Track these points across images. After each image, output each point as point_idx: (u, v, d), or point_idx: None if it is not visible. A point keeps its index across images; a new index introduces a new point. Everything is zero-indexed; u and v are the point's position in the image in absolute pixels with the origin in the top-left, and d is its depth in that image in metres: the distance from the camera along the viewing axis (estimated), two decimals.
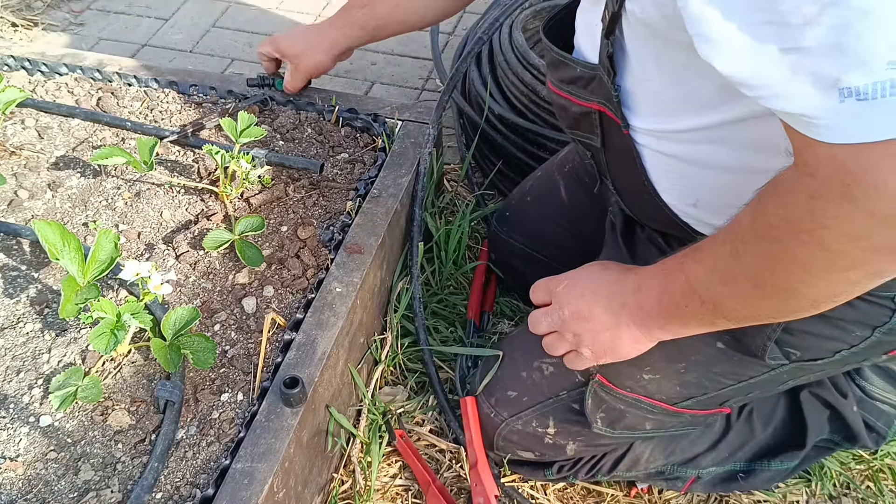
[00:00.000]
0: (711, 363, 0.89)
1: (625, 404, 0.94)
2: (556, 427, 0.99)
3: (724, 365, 0.89)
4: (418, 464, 1.05)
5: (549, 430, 0.99)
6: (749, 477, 1.05)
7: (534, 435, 1.00)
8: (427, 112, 1.27)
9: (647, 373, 0.92)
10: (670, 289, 0.77)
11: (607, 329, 0.82)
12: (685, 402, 0.94)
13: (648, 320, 0.80)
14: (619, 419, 0.95)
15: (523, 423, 1.00)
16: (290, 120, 1.25)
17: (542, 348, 0.98)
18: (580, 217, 1.15)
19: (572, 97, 0.88)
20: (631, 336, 0.82)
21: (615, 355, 0.84)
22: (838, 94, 0.51)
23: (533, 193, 1.23)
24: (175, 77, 1.31)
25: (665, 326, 0.80)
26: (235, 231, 1.02)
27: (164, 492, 0.80)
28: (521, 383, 1.01)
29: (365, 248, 1.03)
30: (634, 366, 0.91)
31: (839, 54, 0.50)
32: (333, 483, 1.03)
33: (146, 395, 0.87)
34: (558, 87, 0.90)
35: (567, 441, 1.00)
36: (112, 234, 0.89)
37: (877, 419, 1.06)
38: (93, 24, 2.00)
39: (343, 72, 1.84)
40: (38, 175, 1.13)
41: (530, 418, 1.00)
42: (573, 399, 0.97)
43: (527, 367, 1.00)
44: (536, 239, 1.21)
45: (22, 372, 0.89)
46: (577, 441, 1.00)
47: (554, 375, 0.98)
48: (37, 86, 1.28)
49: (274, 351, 0.92)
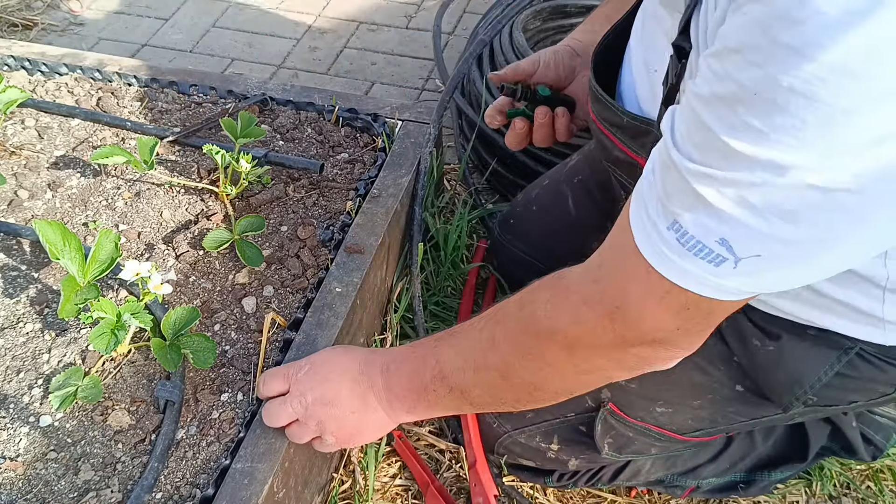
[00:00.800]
0: (727, 403, 0.88)
1: (634, 432, 0.93)
2: (559, 444, 0.98)
3: (740, 405, 0.88)
4: (417, 464, 1.05)
5: (553, 446, 0.98)
6: (749, 487, 1.05)
7: (536, 449, 0.99)
8: (427, 112, 1.27)
9: (661, 406, 0.90)
10: (420, 372, 0.77)
11: (353, 412, 0.80)
12: (694, 433, 0.93)
13: (396, 403, 0.79)
14: (627, 445, 0.94)
15: (526, 437, 0.99)
16: (290, 120, 1.25)
17: None
18: (587, 230, 1.13)
19: (618, 142, 0.83)
20: (377, 419, 0.81)
21: (360, 439, 0.83)
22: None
23: (539, 202, 1.21)
24: (175, 77, 1.31)
25: (412, 409, 0.79)
26: (235, 231, 1.02)
27: (164, 492, 0.80)
28: None
29: (365, 248, 1.03)
30: (648, 398, 0.90)
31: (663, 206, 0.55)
32: (333, 483, 1.03)
33: (146, 395, 0.87)
34: (602, 125, 0.85)
35: (570, 457, 0.99)
36: (113, 234, 0.89)
37: (875, 432, 1.05)
38: (93, 24, 2.00)
39: (343, 72, 1.84)
40: (38, 175, 1.13)
41: (534, 433, 0.99)
42: (581, 422, 0.95)
43: None
44: (540, 248, 1.19)
45: (22, 372, 0.89)
46: (579, 458, 0.99)
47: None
48: (37, 86, 1.28)
49: (274, 351, 0.92)
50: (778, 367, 0.81)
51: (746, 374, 0.85)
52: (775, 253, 0.51)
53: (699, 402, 0.89)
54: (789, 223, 0.48)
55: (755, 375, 0.84)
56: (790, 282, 0.55)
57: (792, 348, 0.79)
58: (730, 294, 0.55)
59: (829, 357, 0.78)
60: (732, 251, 0.51)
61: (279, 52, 1.90)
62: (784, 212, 0.48)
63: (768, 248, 0.51)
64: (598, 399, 0.93)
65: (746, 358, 0.83)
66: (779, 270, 0.52)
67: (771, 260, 0.51)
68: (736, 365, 0.85)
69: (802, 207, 0.47)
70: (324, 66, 1.86)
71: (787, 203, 0.48)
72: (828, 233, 0.49)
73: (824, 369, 0.78)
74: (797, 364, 0.79)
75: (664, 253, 0.55)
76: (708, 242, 0.52)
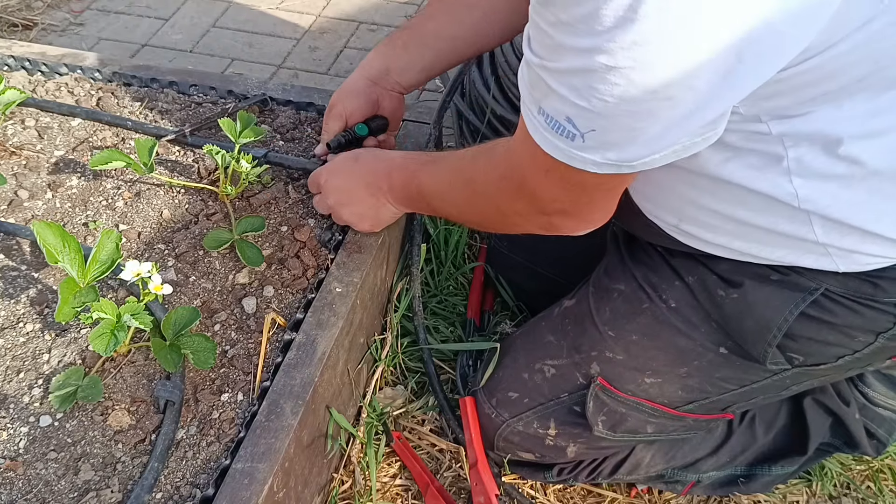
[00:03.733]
0: (714, 368, 0.90)
1: (626, 407, 0.94)
2: (557, 429, 0.99)
3: (727, 370, 0.89)
4: (416, 465, 1.05)
5: (550, 431, 0.99)
6: (749, 481, 1.05)
7: (535, 436, 1.00)
8: (427, 112, 1.27)
9: (649, 377, 0.92)
10: (408, 187, 0.96)
11: (370, 208, 1.01)
12: (687, 406, 0.94)
13: (398, 203, 0.99)
14: (621, 422, 0.95)
15: (524, 424, 1.00)
16: (290, 120, 1.25)
17: (544, 349, 0.99)
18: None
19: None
20: (388, 211, 1.01)
21: (380, 225, 1.04)
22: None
23: None
24: (175, 77, 1.31)
25: (410, 209, 1.02)
26: (235, 231, 1.02)
27: (164, 492, 0.80)
28: (522, 384, 1.01)
29: (365, 248, 1.03)
30: (636, 370, 0.92)
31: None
32: (333, 483, 1.03)
33: (146, 395, 0.87)
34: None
35: (568, 443, 1.00)
36: (114, 234, 0.89)
37: (878, 426, 1.06)
38: (93, 24, 2.00)
39: (343, 72, 1.84)
40: (38, 175, 1.13)
41: (531, 419, 1.00)
42: (574, 401, 0.97)
43: (528, 369, 1.00)
44: (537, 253, 1.20)
45: (22, 372, 0.89)
46: (577, 443, 1.00)
47: (555, 377, 0.98)
48: (37, 86, 1.28)
49: (274, 351, 0.92)
50: (745, 315, 0.83)
51: (727, 334, 0.87)
52: (604, 126, 0.59)
53: (686, 369, 0.91)
54: (601, 100, 0.57)
55: (728, 329, 0.86)
56: (633, 153, 0.61)
57: (754, 293, 0.82)
58: (592, 165, 0.63)
59: (794, 298, 0.80)
60: (577, 128, 0.61)
61: (279, 52, 1.90)
62: (594, 90, 0.56)
63: (598, 123, 0.59)
64: (588, 376, 0.95)
65: (717, 312, 0.86)
66: (617, 143, 0.61)
67: (604, 132, 0.60)
68: (715, 325, 0.87)
69: (604, 85, 0.56)
70: (324, 66, 1.86)
71: (594, 82, 0.56)
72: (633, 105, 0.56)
73: (789, 309, 0.80)
74: (762, 308, 0.82)
75: (541, 132, 0.65)
76: (561, 121, 0.61)
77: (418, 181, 0.94)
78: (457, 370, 1.14)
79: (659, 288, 0.91)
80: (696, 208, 0.80)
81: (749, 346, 0.85)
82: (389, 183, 0.98)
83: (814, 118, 0.66)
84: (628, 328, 0.93)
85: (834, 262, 0.76)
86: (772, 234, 0.77)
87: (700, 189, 0.77)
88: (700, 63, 0.53)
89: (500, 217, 0.86)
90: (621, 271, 0.96)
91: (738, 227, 0.78)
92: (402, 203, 0.99)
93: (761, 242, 0.79)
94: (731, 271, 0.84)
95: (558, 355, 0.99)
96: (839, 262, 0.76)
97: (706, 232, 0.82)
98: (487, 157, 0.84)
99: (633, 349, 0.92)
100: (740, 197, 0.75)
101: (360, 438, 1.06)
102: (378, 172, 0.99)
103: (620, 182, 0.71)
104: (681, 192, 0.80)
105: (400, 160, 0.99)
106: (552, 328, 1.02)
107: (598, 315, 0.96)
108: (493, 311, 1.28)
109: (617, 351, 0.93)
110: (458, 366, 1.15)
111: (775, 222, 0.75)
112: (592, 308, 0.97)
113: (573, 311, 1.01)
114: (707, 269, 0.86)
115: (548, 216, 0.78)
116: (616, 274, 0.97)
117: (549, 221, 0.79)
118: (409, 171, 0.96)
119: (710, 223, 0.80)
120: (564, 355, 0.98)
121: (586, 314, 0.98)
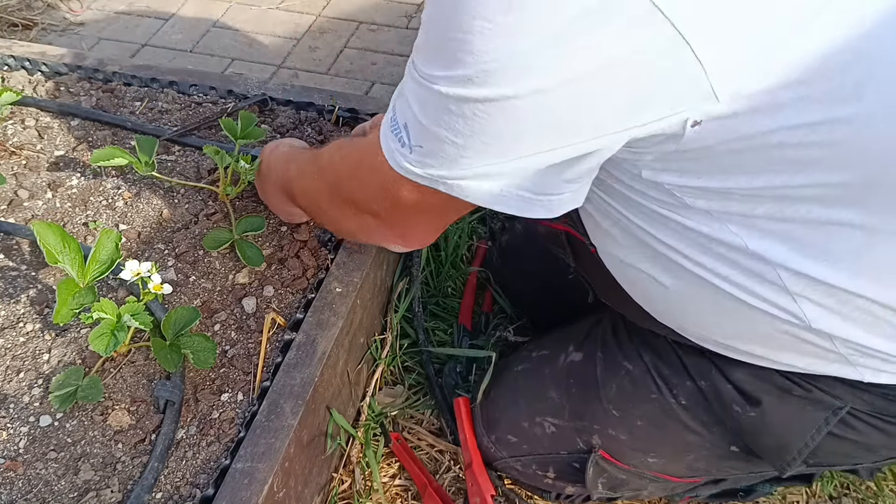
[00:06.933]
0: (723, 460, 0.88)
1: (627, 475, 0.93)
2: (556, 474, 0.98)
3: (736, 462, 0.87)
4: (414, 466, 1.05)
5: (549, 474, 0.98)
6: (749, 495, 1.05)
7: (534, 475, 1.00)
8: None
9: (653, 457, 0.90)
10: (289, 183, 0.95)
11: (283, 204, 1.01)
12: (691, 476, 0.93)
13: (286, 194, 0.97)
14: (621, 486, 0.94)
15: (523, 465, 1.00)
16: (290, 120, 1.25)
17: (546, 404, 0.96)
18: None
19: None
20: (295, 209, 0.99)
21: (297, 219, 1.04)
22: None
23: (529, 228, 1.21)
24: (175, 77, 1.31)
25: (297, 204, 0.97)
26: (235, 231, 1.02)
27: (164, 492, 0.80)
28: (521, 432, 0.99)
29: (365, 248, 1.03)
30: (640, 451, 0.90)
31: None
32: (333, 483, 1.03)
33: (146, 395, 0.87)
34: None
35: (566, 485, 0.99)
36: (114, 234, 0.89)
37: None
38: (93, 24, 2.00)
39: (343, 72, 1.84)
40: (38, 175, 1.13)
41: (530, 462, 0.99)
42: (574, 459, 0.95)
43: (528, 419, 0.98)
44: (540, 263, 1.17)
45: (22, 372, 0.89)
46: (576, 486, 0.99)
47: (555, 436, 0.96)
48: (37, 85, 1.28)
49: (274, 351, 0.92)
50: (763, 434, 0.79)
51: (741, 438, 0.83)
52: (430, 150, 0.60)
53: (693, 456, 0.88)
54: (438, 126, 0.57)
55: (744, 439, 0.82)
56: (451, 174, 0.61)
57: (774, 413, 0.77)
58: (409, 174, 0.63)
59: (816, 419, 0.75)
60: (409, 136, 0.61)
61: (279, 52, 1.90)
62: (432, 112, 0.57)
63: (427, 143, 0.60)
64: (589, 443, 0.93)
65: (732, 422, 0.82)
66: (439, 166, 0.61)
67: (429, 155, 0.60)
68: (728, 428, 0.83)
69: (440, 112, 0.56)
70: (324, 66, 1.86)
71: (432, 104, 0.57)
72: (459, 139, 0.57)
73: (811, 433, 0.75)
74: (782, 429, 0.77)
75: (384, 128, 0.66)
76: (400, 122, 0.62)
77: (291, 185, 0.94)
78: (443, 377, 1.13)
79: (669, 382, 0.86)
80: (702, 327, 0.77)
81: (765, 458, 0.81)
82: (288, 187, 0.97)
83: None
84: (634, 412, 0.89)
85: (858, 372, 0.71)
86: (794, 340, 0.71)
87: (720, 315, 0.73)
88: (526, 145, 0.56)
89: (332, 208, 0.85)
90: (629, 346, 0.92)
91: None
92: (287, 193, 0.98)
93: (783, 349, 0.73)
94: (749, 381, 0.78)
95: (560, 415, 0.96)
96: (864, 372, 0.71)
97: (717, 335, 0.77)
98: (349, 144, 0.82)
99: (637, 432, 0.89)
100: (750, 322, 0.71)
101: (359, 439, 1.06)
102: (285, 172, 0.99)
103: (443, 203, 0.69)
104: (687, 310, 0.76)
105: (298, 161, 0.96)
106: (556, 382, 0.98)
107: (604, 389, 0.92)
108: (493, 313, 1.27)
109: (620, 431, 0.90)
110: (444, 373, 1.14)
111: (797, 332, 0.70)
112: (599, 377, 0.93)
113: (579, 370, 0.96)
114: (721, 376, 0.80)
115: (364, 216, 0.78)
116: (625, 346, 0.92)
117: (365, 223, 0.79)
118: (291, 175, 0.95)
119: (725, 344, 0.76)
120: (566, 418, 0.95)
121: (592, 382, 0.93)
